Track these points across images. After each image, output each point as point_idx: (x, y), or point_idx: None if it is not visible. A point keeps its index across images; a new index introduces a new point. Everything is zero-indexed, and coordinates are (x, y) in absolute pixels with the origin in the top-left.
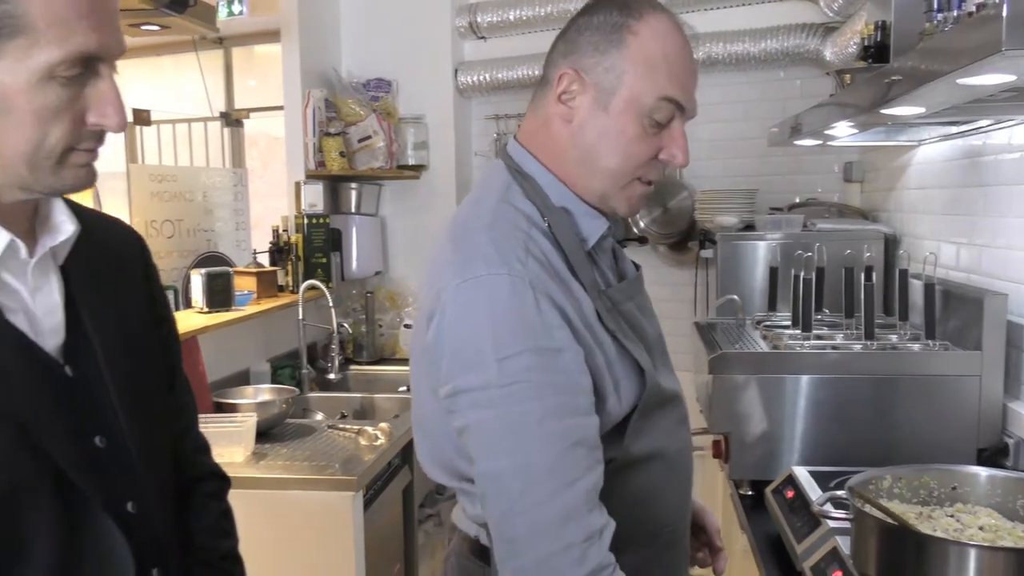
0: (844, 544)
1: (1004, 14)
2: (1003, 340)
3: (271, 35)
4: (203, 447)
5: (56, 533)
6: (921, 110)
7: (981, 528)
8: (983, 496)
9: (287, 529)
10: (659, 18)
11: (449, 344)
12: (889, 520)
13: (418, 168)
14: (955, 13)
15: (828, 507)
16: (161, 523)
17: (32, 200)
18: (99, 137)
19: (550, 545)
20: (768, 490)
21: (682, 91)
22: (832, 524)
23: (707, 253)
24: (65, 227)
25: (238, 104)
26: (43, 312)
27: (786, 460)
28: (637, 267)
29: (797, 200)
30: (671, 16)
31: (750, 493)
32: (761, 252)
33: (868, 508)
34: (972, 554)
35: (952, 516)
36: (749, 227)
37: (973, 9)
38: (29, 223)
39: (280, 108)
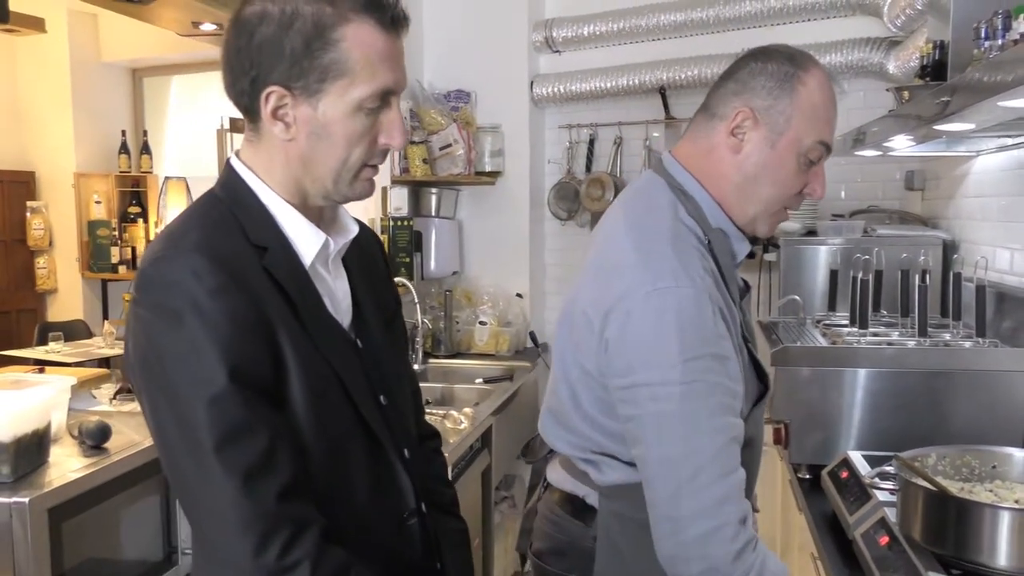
0: (891, 514)
1: None
2: None
3: None
4: (424, 409)
5: (367, 471)
6: (971, 126)
7: (1016, 501)
8: (1021, 474)
9: None
10: (819, 71)
11: (633, 343)
12: (932, 487)
13: (494, 174)
14: (1000, 42)
15: (877, 480)
16: (421, 468)
17: (322, 205)
18: (385, 154)
19: (710, 523)
20: (824, 472)
21: (832, 136)
22: (881, 497)
23: (771, 256)
24: (352, 227)
25: None
26: (341, 296)
27: (842, 446)
28: (748, 286)
29: (859, 207)
30: (825, 70)
31: (808, 477)
32: (822, 256)
33: (914, 477)
34: (1006, 516)
35: (991, 491)
36: (811, 232)
37: (1017, 38)
38: (318, 224)
39: None
